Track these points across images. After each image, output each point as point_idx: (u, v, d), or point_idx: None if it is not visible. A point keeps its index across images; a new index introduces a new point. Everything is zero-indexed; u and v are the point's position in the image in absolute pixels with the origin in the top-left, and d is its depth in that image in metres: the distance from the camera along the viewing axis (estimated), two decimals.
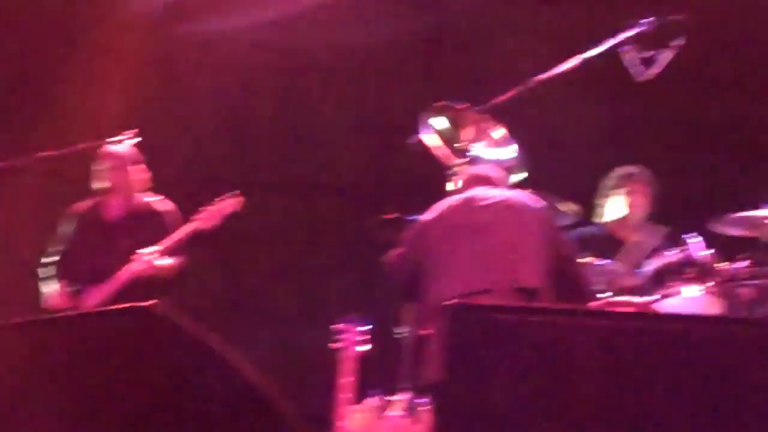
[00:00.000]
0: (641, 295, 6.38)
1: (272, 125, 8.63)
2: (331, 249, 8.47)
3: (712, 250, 6.45)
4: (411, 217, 6.39)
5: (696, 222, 6.69)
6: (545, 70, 6.11)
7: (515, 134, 6.17)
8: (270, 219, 8.55)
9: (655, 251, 6.85)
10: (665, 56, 5.91)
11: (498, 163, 6.07)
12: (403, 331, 6.15)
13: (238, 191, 6.99)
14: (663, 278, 6.44)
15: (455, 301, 4.53)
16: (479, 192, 5.76)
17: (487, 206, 5.65)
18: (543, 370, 3.64)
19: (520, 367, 3.65)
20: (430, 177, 6.38)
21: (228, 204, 7.07)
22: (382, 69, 8.65)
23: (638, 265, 6.65)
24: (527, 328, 3.72)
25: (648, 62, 5.90)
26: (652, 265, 6.53)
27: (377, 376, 6.36)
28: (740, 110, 8.54)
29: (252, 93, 8.69)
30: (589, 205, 7.31)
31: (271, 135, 8.61)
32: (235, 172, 8.59)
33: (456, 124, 6.14)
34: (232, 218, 7.01)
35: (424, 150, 6.21)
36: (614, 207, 7.35)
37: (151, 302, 3.79)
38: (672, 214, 7.02)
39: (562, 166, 8.03)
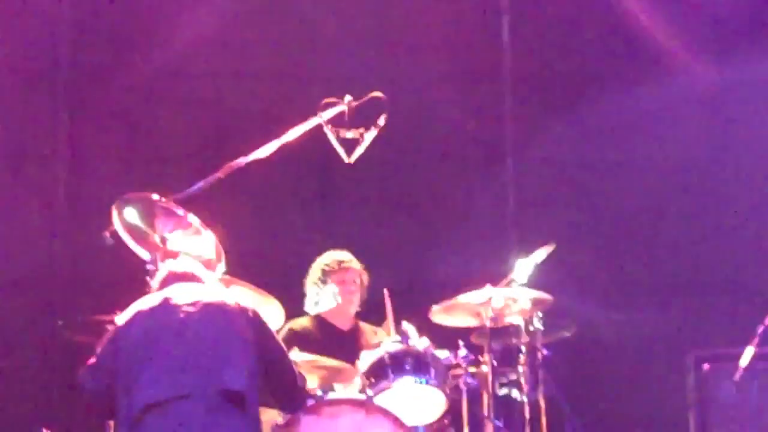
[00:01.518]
0: (360, 390, 6.34)
1: None
2: (17, 352, 8.12)
3: (427, 340, 6.49)
4: (106, 318, 6.22)
5: (414, 310, 6.73)
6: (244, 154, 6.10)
7: (213, 222, 6.04)
8: None
9: (374, 342, 6.89)
10: (368, 135, 6.00)
11: (196, 255, 5.90)
12: None
13: None
14: (381, 371, 6.37)
15: None
16: (178, 290, 5.60)
17: (187, 306, 5.50)
18: None
19: None
20: (126, 272, 6.21)
21: None
22: (77, 153, 8.45)
23: (356, 358, 6.56)
24: None
25: (351, 143, 5.94)
26: (369, 357, 6.47)
27: None
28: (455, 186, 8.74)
29: None
30: (301, 294, 7.31)
31: None
32: None
33: (149, 214, 5.97)
34: None
35: (119, 243, 6.01)
36: (325, 296, 7.29)
37: None
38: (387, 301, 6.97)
39: (268, 253, 8.04)
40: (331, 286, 7.26)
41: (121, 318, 5.60)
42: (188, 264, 5.79)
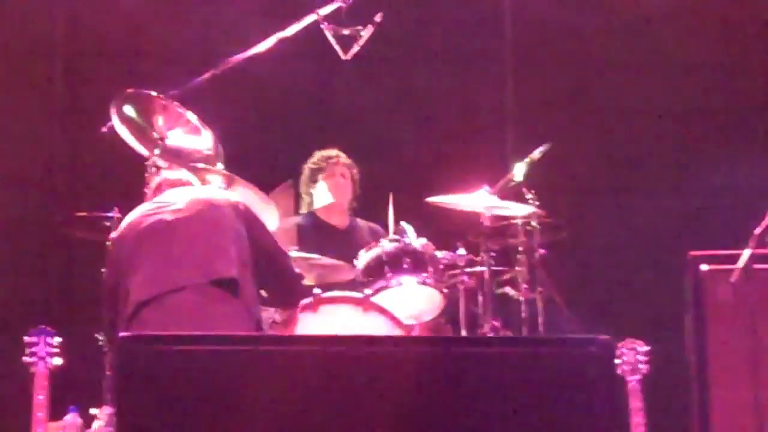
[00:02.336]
0: (356, 288, 6.35)
1: None
2: (15, 250, 8.19)
3: (425, 239, 6.50)
4: (103, 214, 6.30)
5: (413, 207, 6.77)
6: (242, 49, 6.13)
7: (212, 119, 6.12)
8: None
9: (369, 240, 6.91)
10: (365, 32, 5.99)
11: (195, 152, 6.01)
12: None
13: None
14: (378, 269, 6.41)
15: (126, 334, 4.54)
16: (169, 195, 5.74)
17: (177, 206, 5.62)
18: (218, 400, 3.64)
19: (194, 398, 3.64)
20: (124, 169, 6.33)
21: None
22: (76, 50, 8.46)
23: (352, 256, 6.61)
24: (201, 356, 3.72)
25: (348, 40, 5.95)
26: (367, 256, 6.52)
27: (78, 391, 6.23)
28: (457, 84, 8.72)
29: None
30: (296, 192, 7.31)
31: None
32: None
33: (148, 111, 6.03)
34: None
35: (118, 139, 6.07)
36: (317, 194, 7.33)
37: None
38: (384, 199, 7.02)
39: (266, 151, 8.04)
40: (321, 183, 7.31)
41: (115, 232, 5.74)
42: (182, 174, 5.89)
